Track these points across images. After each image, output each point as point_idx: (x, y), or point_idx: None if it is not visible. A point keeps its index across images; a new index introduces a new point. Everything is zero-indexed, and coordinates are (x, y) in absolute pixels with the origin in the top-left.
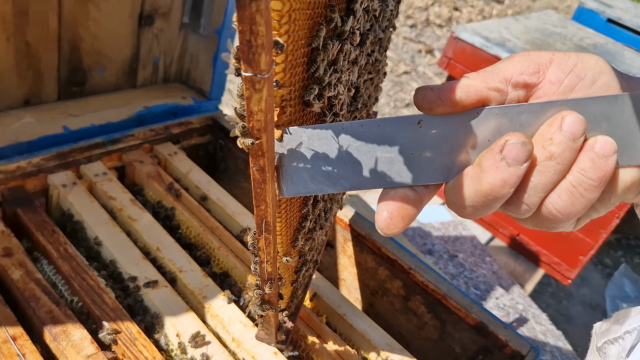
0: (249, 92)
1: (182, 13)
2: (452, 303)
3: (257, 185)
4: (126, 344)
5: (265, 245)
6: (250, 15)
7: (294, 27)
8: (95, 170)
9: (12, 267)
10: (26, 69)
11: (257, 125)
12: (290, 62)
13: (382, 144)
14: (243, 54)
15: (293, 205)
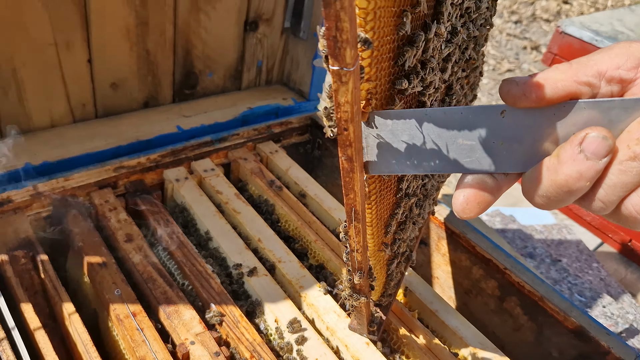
0: (336, 84)
1: (283, 18)
2: (549, 305)
3: (346, 174)
4: (230, 326)
5: (355, 233)
6: (335, 12)
7: (380, 23)
8: (204, 166)
9: (132, 252)
10: (146, 74)
11: (345, 116)
12: (376, 57)
13: (463, 131)
14: (330, 49)
15: (384, 198)
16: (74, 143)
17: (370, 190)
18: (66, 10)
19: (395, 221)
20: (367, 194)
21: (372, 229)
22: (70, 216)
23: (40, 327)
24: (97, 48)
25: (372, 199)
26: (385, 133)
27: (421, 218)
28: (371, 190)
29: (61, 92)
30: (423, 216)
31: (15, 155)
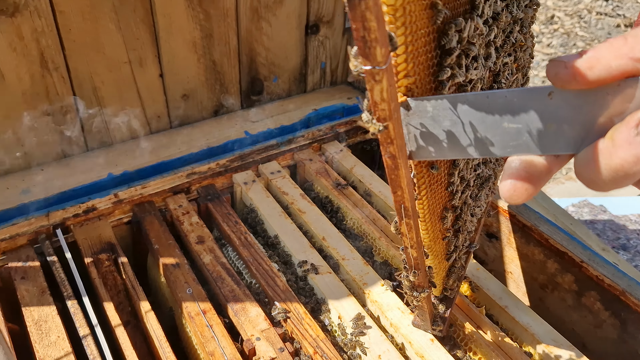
0: (370, 84)
1: (344, 19)
2: (632, 300)
3: (391, 172)
4: (294, 323)
5: (407, 230)
6: (361, 13)
7: (411, 18)
8: (271, 169)
9: (203, 252)
10: (214, 84)
11: (383, 115)
12: (412, 52)
13: (509, 115)
14: (360, 49)
15: (435, 192)
16: (150, 153)
17: (419, 185)
18: (137, 30)
19: (450, 214)
20: (417, 189)
21: (425, 224)
22: (148, 221)
23: (120, 324)
24: (167, 63)
25: (423, 193)
26: (426, 120)
27: (479, 209)
28: (421, 185)
29: (137, 106)
30: (481, 207)
31: (99, 167)
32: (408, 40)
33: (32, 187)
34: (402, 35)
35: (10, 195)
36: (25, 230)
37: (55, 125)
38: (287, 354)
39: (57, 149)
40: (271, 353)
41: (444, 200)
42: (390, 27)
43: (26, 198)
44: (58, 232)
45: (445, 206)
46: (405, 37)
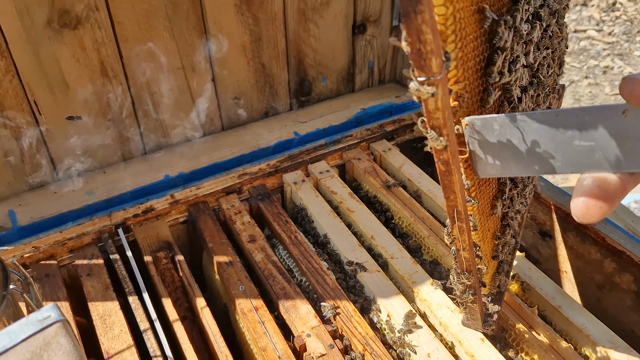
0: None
1: (391, 17)
2: None
3: (445, 177)
4: (343, 320)
5: (459, 233)
6: (417, 27)
7: (460, 25)
8: (319, 169)
9: (255, 251)
10: (263, 86)
11: (437, 123)
12: (461, 58)
13: (580, 132)
14: (415, 62)
15: (484, 193)
16: (204, 154)
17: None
18: (190, 37)
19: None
20: (469, 193)
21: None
22: (202, 220)
23: (177, 319)
24: (219, 67)
25: (472, 195)
26: (493, 138)
27: (523, 206)
28: (470, 188)
29: (191, 110)
30: (525, 204)
31: (156, 169)
32: (458, 47)
33: (95, 189)
34: (453, 42)
35: (76, 196)
36: (90, 230)
37: (115, 130)
38: (337, 350)
39: (118, 153)
40: (321, 350)
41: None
42: (442, 36)
43: (90, 199)
44: (120, 232)
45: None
46: (456, 44)
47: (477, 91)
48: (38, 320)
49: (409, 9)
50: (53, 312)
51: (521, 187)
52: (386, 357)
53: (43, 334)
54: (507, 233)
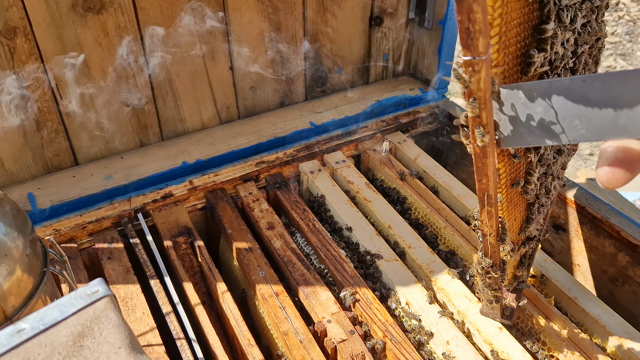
0: (469, 73)
1: (407, 10)
2: None
3: (479, 159)
4: (363, 307)
5: (488, 218)
6: (468, 5)
7: (507, 9)
8: (335, 159)
9: (274, 238)
10: (280, 75)
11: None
12: (504, 43)
13: (606, 98)
14: (462, 40)
15: (514, 180)
16: (221, 142)
17: (500, 173)
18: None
19: (525, 202)
20: (498, 177)
21: (502, 212)
22: (220, 207)
23: (199, 303)
24: (237, 55)
25: (503, 182)
26: (519, 106)
27: (549, 200)
28: (501, 174)
29: (209, 97)
30: (551, 198)
31: (174, 155)
32: (502, 31)
33: (113, 173)
34: (498, 26)
35: (95, 181)
36: (110, 214)
37: (134, 115)
38: (358, 336)
39: (136, 139)
40: (342, 335)
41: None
42: (489, 17)
43: (109, 184)
44: (139, 216)
45: (522, 193)
46: (500, 28)
47: (515, 77)
48: (87, 295)
49: None
50: (101, 286)
51: (549, 178)
52: (406, 343)
53: (92, 308)
54: (532, 224)
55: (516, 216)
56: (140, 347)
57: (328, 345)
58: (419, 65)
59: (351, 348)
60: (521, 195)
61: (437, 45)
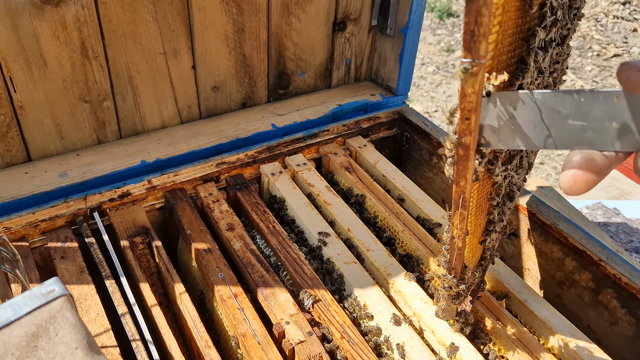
0: (465, 75)
1: (370, 16)
2: None
3: (461, 162)
4: (321, 309)
5: (459, 221)
6: (477, 7)
7: (505, 17)
8: (297, 161)
9: (233, 239)
10: (243, 77)
11: (469, 106)
12: (498, 50)
13: (575, 113)
14: (465, 42)
15: (484, 186)
16: (182, 141)
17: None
18: (173, 22)
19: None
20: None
21: (470, 216)
22: (180, 207)
23: (156, 304)
24: (200, 55)
25: (475, 186)
26: (493, 112)
27: (512, 203)
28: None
29: (170, 96)
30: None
31: (132, 154)
32: (498, 39)
33: (69, 171)
34: (496, 33)
35: (49, 178)
36: (64, 212)
37: (92, 112)
38: (316, 338)
39: (93, 135)
40: (300, 337)
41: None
42: None
43: (64, 181)
44: (95, 215)
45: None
46: (497, 36)
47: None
48: (42, 294)
49: None
50: (57, 286)
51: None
52: (363, 344)
53: (48, 308)
54: (494, 229)
55: (480, 222)
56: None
57: (286, 346)
58: (381, 72)
59: (309, 349)
60: (488, 200)
61: (399, 53)
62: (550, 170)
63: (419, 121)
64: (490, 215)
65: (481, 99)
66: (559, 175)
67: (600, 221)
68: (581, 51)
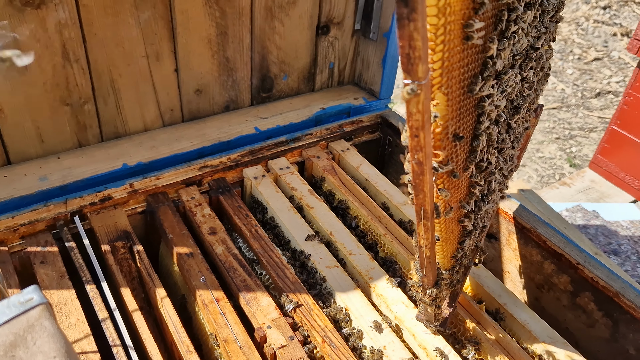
0: (409, 96)
1: (354, 21)
2: (625, 301)
3: (416, 177)
4: (303, 313)
5: (424, 231)
6: (409, 33)
7: (450, 36)
8: (280, 165)
9: (215, 243)
10: (226, 80)
11: (416, 124)
12: (447, 68)
13: None
14: (403, 65)
15: (452, 197)
16: (164, 145)
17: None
18: (156, 26)
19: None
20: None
21: (439, 225)
22: (162, 211)
23: (137, 309)
24: (183, 58)
25: (442, 197)
26: None
27: (488, 214)
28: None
29: (152, 99)
30: (489, 211)
31: (114, 157)
32: (445, 57)
33: (49, 174)
34: (441, 52)
35: (29, 181)
36: (44, 216)
37: (72, 115)
38: (297, 342)
39: (74, 139)
40: (282, 341)
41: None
42: (431, 44)
43: (44, 185)
44: (76, 219)
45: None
46: (443, 54)
47: (458, 99)
48: (20, 303)
49: (403, 16)
50: (35, 294)
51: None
52: (344, 348)
53: (26, 316)
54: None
55: (454, 229)
56: (77, 356)
57: (268, 351)
58: (364, 75)
59: (290, 354)
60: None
61: (382, 57)
62: (531, 172)
63: (402, 125)
64: (462, 222)
65: (429, 117)
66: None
67: (580, 223)
68: (562, 55)
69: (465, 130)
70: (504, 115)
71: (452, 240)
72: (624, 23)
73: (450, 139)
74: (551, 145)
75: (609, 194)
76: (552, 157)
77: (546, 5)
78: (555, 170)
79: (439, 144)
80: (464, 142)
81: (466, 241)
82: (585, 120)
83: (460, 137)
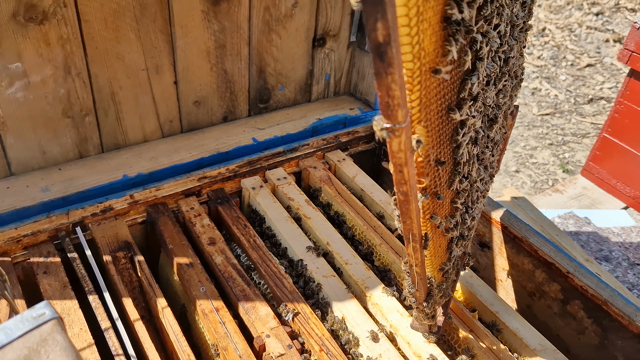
0: (390, 137)
1: (349, 33)
2: (613, 309)
3: (403, 205)
4: (301, 322)
5: (413, 252)
6: (387, 84)
7: (426, 77)
8: (277, 175)
9: (215, 253)
10: (224, 92)
11: (399, 161)
12: (425, 104)
13: None
14: (383, 111)
15: (438, 213)
16: (163, 156)
17: (425, 211)
18: (155, 39)
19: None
20: (423, 214)
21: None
22: (162, 221)
23: (139, 318)
24: (182, 70)
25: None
26: None
27: (473, 221)
28: (426, 211)
29: (152, 111)
30: (474, 219)
31: (114, 168)
32: (422, 95)
33: (50, 185)
34: (418, 91)
35: (31, 192)
36: (46, 227)
37: (74, 127)
38: (295, 350)
39: (75, 150)
40: (280, 350)
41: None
42: (408, 86)
43: (46, 196)
44: (78, 230)
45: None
46: (420, 92)
47: (437, 128)
48: (33, 317)
49: (380, 70)
50: (47, 309)
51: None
52: (341, 357)
53: (39, 331)
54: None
55: (441, 243)
56: None
57: (266, 359)
58: (359, 86)
59: None
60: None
61: None
62: (525, 178)
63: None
64: (448, 234)
65: (411, 153)
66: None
67: (572, 230)
68: (555, 61)
69: (446, 154)
70: (482, 131)
71: (440, 253)
72: (616, 29)
73: (432, 165)
74: (544, 151)
75: (601, 200)
76: (546, 163)
77: (515, 19)
78: (549, 176)
79: (422, 171)
80: (445, 165)
81: (454, 251)
82: (578, 126)
83: (442, 162)
